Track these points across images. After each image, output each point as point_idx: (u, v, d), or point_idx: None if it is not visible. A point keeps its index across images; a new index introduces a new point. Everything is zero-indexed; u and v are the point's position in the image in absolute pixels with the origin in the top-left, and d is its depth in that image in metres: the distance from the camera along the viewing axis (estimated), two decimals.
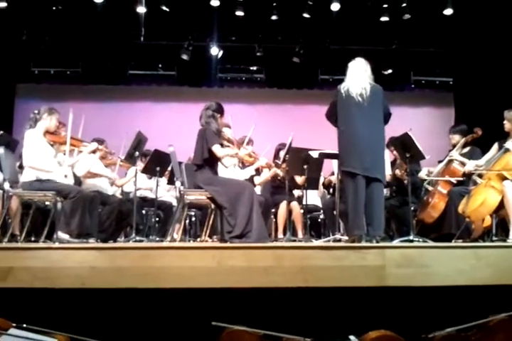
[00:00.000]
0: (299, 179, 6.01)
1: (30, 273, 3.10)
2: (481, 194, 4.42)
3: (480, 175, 4.68)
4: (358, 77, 4.33)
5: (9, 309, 2.98)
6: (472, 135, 5.14)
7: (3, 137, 5.31)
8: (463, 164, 5.04)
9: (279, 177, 5.88)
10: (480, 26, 8.04)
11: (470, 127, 5.30)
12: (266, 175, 5.89)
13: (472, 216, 4.47)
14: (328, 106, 4.44)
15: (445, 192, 5.00)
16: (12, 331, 2.73)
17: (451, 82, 9.19)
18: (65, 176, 4.87)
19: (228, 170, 5.23)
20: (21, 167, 5.04)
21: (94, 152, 5.14)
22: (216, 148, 4.39)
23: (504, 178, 4.35)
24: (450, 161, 5.13)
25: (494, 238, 4.50)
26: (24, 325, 2.78)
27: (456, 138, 5.27)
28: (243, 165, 5.77)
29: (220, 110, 4.58)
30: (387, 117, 4.36)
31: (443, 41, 8.68)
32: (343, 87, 4.32)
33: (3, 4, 7.52)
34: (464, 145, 5.20)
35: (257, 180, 5.85)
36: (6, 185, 4.62)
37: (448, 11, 7.88)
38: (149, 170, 5.72)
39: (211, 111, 4.52)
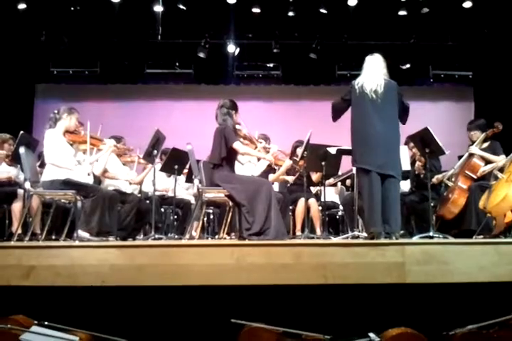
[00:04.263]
0: (314, 176, 6.00)
1: (52, 271, 3.14)
2: (502, 189, 4.35)
3: (501, 170, 4.62)
4: (373, 73, 4.30)
5: (31, 307, 3.03)
6: (493, 129, 5.07)
7: (23, 137, 5.35)
8: (483, 159, 4.99)
9: (296, 172, 5.85)
10: (499, 19, 7.93)
11: (490, 121, 5.22)
12: (280, 169, 5.85)
13: (493, 211, 4.41)
14: (340, 99, 4.42)
15: (465, 187, 4.94)
16: (34, 328, 2.77)
17: (470, 76, 9.03)
18: (88, 174, 4.91)
19: (243, 166, 5.23)
20: (41, 166, 5.10)
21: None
22: (237, 145, 4.39)
23: None
24: (470, 156, 5.07)
25: None
26: (46, 323, 2.82)
27: (477, 134, 5.19)
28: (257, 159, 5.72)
29: (234, 107, 4.57)
30: (406, 110, 4.32)
31: (462, 35, 8.57)
32: (357, 83, 4.30)
33: (23, 6, 7.62)
34: (484, 140, 5.13)
35: (271, 177, 5.83)
36: (27, 185, 4.67)
37: (467, 4, 7.79)
38: (168, 168, 5.75)
39: (226, 109, 4.51)
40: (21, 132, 5.41)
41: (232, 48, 8.81)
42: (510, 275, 3.12)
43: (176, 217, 6.28)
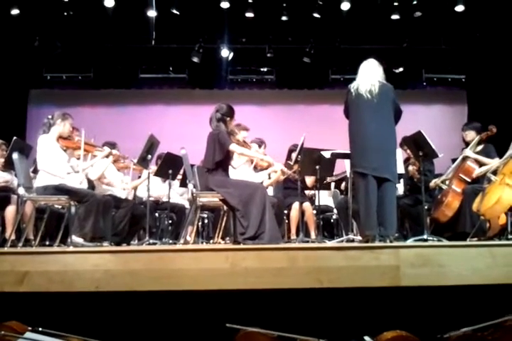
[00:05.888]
0: (308, 181, 6.00)
1: (46, 277, 3.12)
2: (495, 192, 4.36)
3: (494, 172, 4.63)
4: (368, 76, 4.32)
5: (25, 313, 3.01)
6: (487, 133, 5.09)
7: (16, 142, 5.34)
8: (477, 162, 5.00)
9: (290, 177, 5.86)
10: (492, 22, 7.98)
11: (484, 124, 5.24)
12: (273, 177, 5.87)
13: (487, 214, 4.42)
14: (344, 106, 4.45)
15: (459, 190, 4.94)
16: (28, 335, 2.76)
17: (463, 79, 9.11)
18: (80, 183, 4.90)
19: (240, 171, 5.23)
20: (35, 172, 5.09)
21: (107, 156, 5.18)
22: (234, 147, 4.39)
23: None
24: (464, 159, 5.08)
25: (510, 236, 4.44)
26: (40, 329, 2.81)
27: (471, 134, 5.20)
28: (255, 168, 5.74)
29: (229, 113, 4.55)
30: (398, 115, 4.33)
31: (455, 38, 8.64)
32: (353, 86, 4.31)
33: (16, 11, 7.61)
34: (478, 143, 5.15)
35: (265, 182, 5.84)
36: (21, 190, 4.65)
37: (459, 8, 7.82)
38: (162, 173, 5.74)
39: (220, 115, 4.50)
40: (14, 138, 5.39)
41: (225, 53, 8.83)
42: (504, 278, 3.12)
43: (170, 221, 6.27)
